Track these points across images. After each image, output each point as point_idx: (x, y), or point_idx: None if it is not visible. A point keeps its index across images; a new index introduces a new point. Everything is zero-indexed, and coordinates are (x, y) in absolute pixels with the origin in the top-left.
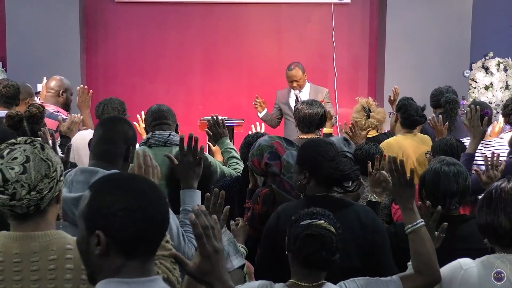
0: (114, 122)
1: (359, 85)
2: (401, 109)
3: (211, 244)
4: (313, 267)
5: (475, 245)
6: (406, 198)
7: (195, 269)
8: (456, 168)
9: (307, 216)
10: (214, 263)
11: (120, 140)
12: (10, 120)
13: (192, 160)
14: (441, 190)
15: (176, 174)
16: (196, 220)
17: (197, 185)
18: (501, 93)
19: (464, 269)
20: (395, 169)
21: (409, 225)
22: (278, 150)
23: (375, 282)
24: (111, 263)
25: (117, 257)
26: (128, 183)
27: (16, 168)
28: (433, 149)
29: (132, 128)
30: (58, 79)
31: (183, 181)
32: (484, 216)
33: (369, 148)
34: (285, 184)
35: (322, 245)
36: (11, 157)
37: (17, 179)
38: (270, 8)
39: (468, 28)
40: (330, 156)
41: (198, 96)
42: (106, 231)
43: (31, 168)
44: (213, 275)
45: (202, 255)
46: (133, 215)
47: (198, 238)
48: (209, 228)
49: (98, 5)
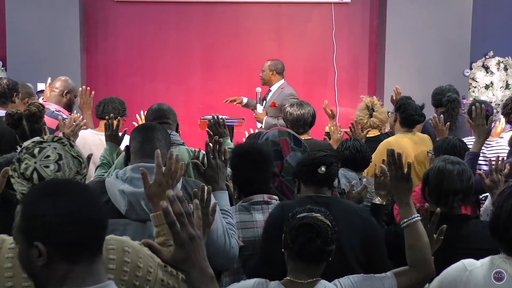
0: (154, 126)
1: (359, 84)
2: (400, 108)
3: (186, 231)
4: (308, 258)
5: (476, 245)
6: (402, 192)
7: (170, 257)
8: (460, 167)
9: (304, 211)
10: (190, 250)
11: (164, 140)
12: (9, 118)
13: (220, 163)
14: (445, 188)
15: (204, 177)
16: (168, 208)
17: (224, 185)
18: (501, 92)
19: (468, 270)
20: (393, 162)
21: (405, 219)
22: (283, 149)
23: (370, 279)
24: (57, 272)
25: (61, 264)
26: (57, 189)
27: (51, 166)
28: (435, 149)
29: (168, 134)
30: (64, 80)
31: (213, 183)
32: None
33: (354, 144)
34: (283, 187)
35: (317, 234)
36: (43, 156)
37: (53, 177)
38: (270, 8)
39: (468, 27)
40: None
41: (198, 95)
42: (45, 240)
43: (65, 166)
44: (189, 263)
45: (176, 243)
46: (67, 220)
47: (171, 225)
48: (184, 215)
49: (98, 4)
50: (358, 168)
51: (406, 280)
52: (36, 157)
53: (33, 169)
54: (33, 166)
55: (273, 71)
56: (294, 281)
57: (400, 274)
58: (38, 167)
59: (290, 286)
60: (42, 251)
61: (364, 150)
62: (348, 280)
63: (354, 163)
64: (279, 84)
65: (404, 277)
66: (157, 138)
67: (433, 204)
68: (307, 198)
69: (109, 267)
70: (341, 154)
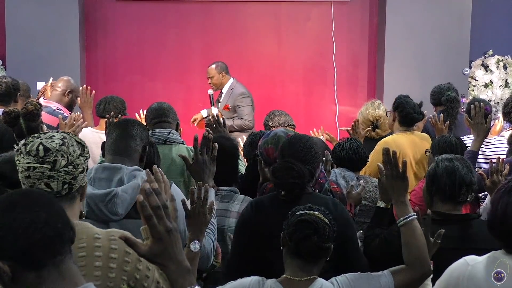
0: (130, 122)
1: (359, 83)
2: (399, 107)
3: (163, 225)
4: (305, 254)
5: (482, 245)
6: (398, 191)
7: (147, 251)
8: (465, 163)
9: (303, 209)
10: (167, 243)
11: (138, 137)
12: (6, 116)
13: (207, 159)
14: (458, 180)
15: (191, 173)
16: (144, 201)
17: (212, 182)
18: (500, 91)
19: (471, 265)
20: (388, 161)
21: (401, 218)
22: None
23: (366, 277)
24: (27, 282)
25: (28, 273)
26: (5, 203)
27: (56, 141)
28: (432, 147)
29: (146, 130)
30: (66, 80)
31: (199, 179)
32: (497, 215)
33: (351, 144)
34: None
35: (315, 231)
36: (49, 135)
37: (58, 148)
38: (270, 6)
39: (468, 26)
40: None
41: (198, 94)
42: (1, 256)
43: (69, 144)
44: (166, 256)
45: (153, 237)
46: (14, 228)
47: (148, 219)
48: (160, 208)
49: (98, 3)
50: (355, 168)
51: (403, 278)
52: (41, 137)
53: (38, 143)
54: (39, 141)
55: (221, 72)
56: (291, 279)
57: (397, 273)
58: (44, 141)
59: (287, 284)
60: (3, 268)
61: (361, 151)
62: (345, 278)
63: (351, 163)
64: (229, 84)
65: (401, 276)
66: (130, 135)
67: (438, 203)
68: (276, 195)
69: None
70: (338, 154)
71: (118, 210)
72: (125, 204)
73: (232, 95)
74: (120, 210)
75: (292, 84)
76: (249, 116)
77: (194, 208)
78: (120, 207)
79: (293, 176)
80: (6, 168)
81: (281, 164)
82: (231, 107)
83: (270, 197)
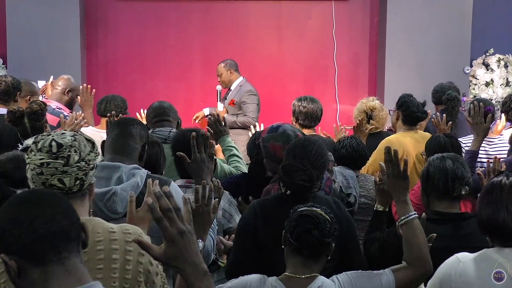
0: (129, 121)
1: (360, 82)
2: (402, 106)
3: (175, 227)
4: (305, 249)
5: (476, 244)
6: (399, 190)
7: (161, 254)
8: (457, 159)
9: (305, 206)
10: (182, 246)
11: (137, 135)
12: (11, 115)
13: (205, 157)
14: (450, 174)
15: (189, 171)
16: (153, 204)
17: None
18: (501, 90)
19: (462, 261)
20: (389, 160)
21: (402, 217)
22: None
23: (367, 275)
24: (32, 278)
25: (33, 269)
26: (14, 200)
27: (68, 137)
28: (425, 148)
29: (146, 129)
30: (66, 78)
31: (197, 177)
32: (485, 213)
33: (351, 142)
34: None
35: (315, 225)
36: (59, 133)
37: (71, 144)
38: (270, 5)
39: (469, 25)
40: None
41: (199, 93)
42: (7, 251)
43: (80, 141)
44: (181, 259)
45: (166, 239)
46: (19, 222)
47: (158, 221)
48: (172, 211)
49: (99, 2)
50: (355, 166)
51: (404, 276)
52: (52, 134)
53: (51, 140)
54: (50, 138)
55: (229, 70)
56: (292, 276)
57: (397, 271)
58: (56, 138)
59: (288, 282)
60: (9, 263)
61: (361, 149)
62: (346, 276)
63: (351, 161)
64: (238, 82)
65: (402, 274)
66: (129, 134)
67: (435, 202)
68: (282, 194)
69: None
70: (338, 153)
71: (117, 208)
72: (124, 202)
73: (239, 92)
74: (119, 208)
75: (293, 82)
76: (253, 113)
77: (198, 207)
78: (119, 206)
79: (303, 178)
80: (9, 166)
81: (293, 164)
82: (236, 103)
83: (274, 199)
